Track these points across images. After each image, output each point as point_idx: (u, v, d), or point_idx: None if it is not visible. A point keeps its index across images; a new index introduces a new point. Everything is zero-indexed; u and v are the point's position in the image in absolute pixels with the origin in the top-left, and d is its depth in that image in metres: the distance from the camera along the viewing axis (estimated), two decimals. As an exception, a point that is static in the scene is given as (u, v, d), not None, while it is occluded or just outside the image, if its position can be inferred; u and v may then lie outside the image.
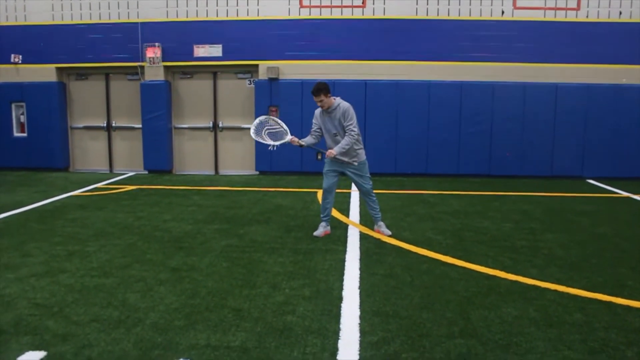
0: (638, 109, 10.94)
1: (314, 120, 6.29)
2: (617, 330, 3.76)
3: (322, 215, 6.48)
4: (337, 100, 6.11)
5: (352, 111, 6.05)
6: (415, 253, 5.69)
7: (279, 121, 6.49)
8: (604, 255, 5.66)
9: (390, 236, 6.34)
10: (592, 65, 11.05)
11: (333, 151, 6.02)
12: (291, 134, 6.31)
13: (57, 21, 11.74)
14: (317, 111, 6.25)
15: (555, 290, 4.57)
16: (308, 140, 6.30)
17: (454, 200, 8.77)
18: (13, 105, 11.97)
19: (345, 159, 6.12)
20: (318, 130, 6.29)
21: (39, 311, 4.04)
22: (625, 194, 9.49)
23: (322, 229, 6.42)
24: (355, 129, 6.06)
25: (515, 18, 11.04)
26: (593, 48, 11.03)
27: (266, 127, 6.42)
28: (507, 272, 5.06)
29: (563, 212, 7.92)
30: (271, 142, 6.36)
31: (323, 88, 5.95)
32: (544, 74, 11.02)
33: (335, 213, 7.40)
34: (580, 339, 3.63)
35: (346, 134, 6.03)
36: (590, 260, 5.47)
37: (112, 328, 3.75)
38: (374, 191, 6.52)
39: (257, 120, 6.46)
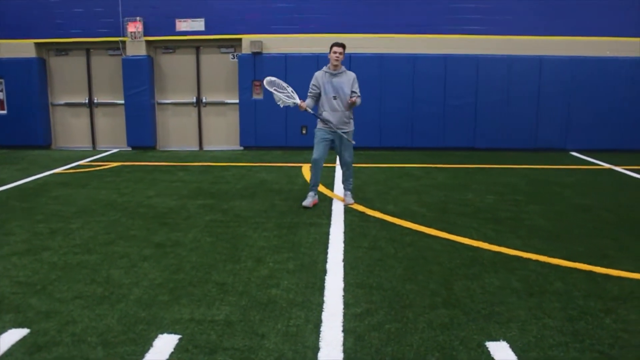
0: (621, 82, 10.99)
1: (313, 82, 6.39)
2: (596, 298, 3.82)
3: (311, 186, 6.59)
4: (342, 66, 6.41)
5: None
6: (399, 225, 5.72)
7: (286, 85, 6.55)
8: (585, 226, 5.74)
9: (351, 204, 6.53)
10: (576, 37, 11.03)
11: (357, 99, 6.31)
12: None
13: (35, -5, 11.46)
14: (319, 73, 6.38)
15: (537, 261, 4.63)
16: (309, 103, 6.41)
17: (439, 173, 8.80)
18: (-9, 82, 11.74)
19: (345, 128, 6.38)
20: (317, 92, 6.38)
21: (21, 289, 4.01)
22: (607, 165, 9.58)
23: (310, 199, 6.52)
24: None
25: (500, -10, 10.97)
26: (577, 21, 11.00)
27: (274, 87, 6.46)
28: (490, 243, 5.11)
29: (546, 184, 7.99)
30: (283, 97, 6.36)
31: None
32: (529, 47, 10.99)
33: (319, 187, 7.39)
34: (560, 307, 3.69)
35: (357, 95, 6.34)
36: (572, 231, 5.54)
37: (95, 304, 3.74)
38: (355, 165, 6.71)
39: (268, 79, 6.48)
